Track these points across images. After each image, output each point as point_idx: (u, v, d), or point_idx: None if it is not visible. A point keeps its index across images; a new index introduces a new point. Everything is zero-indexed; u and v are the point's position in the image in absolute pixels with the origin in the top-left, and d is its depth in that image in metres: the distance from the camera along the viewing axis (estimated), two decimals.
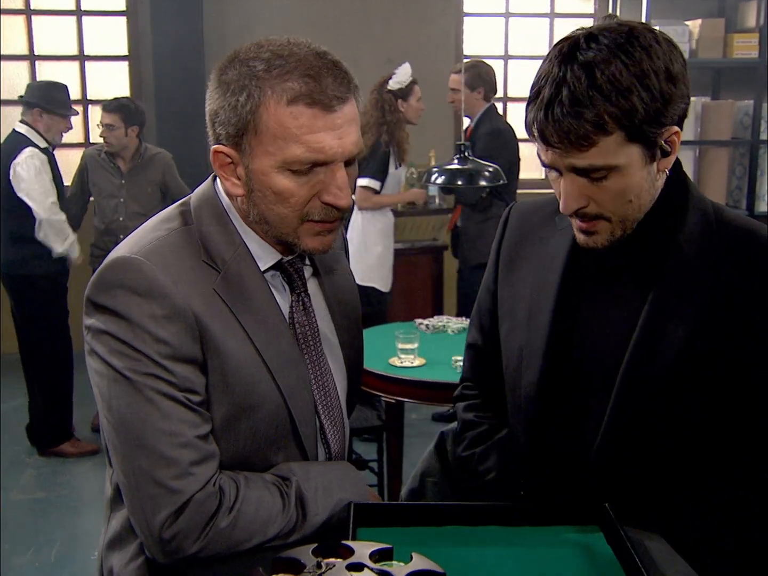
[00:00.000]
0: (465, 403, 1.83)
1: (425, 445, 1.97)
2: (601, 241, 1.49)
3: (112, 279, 1.41)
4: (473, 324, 1.82)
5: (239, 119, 1.40)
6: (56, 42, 6.51)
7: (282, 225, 1.46)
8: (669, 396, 1.48)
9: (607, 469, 1.52)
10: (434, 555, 1.24)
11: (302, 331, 1.57)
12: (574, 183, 1.44)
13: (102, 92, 6.49)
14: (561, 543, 1.42)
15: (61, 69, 6.51)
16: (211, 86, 1.45)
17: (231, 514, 1.42)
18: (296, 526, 1.47)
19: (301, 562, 1.19)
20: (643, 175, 1.43)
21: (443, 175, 3.68)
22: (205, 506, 1.40)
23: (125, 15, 6.55)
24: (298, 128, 1.38)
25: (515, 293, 1.67)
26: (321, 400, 1.59)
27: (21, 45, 6.45)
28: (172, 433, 1.39)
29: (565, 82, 1.36)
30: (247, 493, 1.45)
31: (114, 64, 6.63)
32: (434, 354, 3.54)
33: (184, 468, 1.39)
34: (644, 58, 1.36)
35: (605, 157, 1.38)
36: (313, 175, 1.42)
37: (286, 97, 1.37)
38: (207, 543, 1.41)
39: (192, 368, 1.41)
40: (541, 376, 1.57)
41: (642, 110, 1.36)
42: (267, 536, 1.45)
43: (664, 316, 1.48)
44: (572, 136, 1.37)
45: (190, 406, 1.41)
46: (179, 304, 1.40)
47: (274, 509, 1.46)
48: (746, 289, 1.46)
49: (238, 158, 1.44)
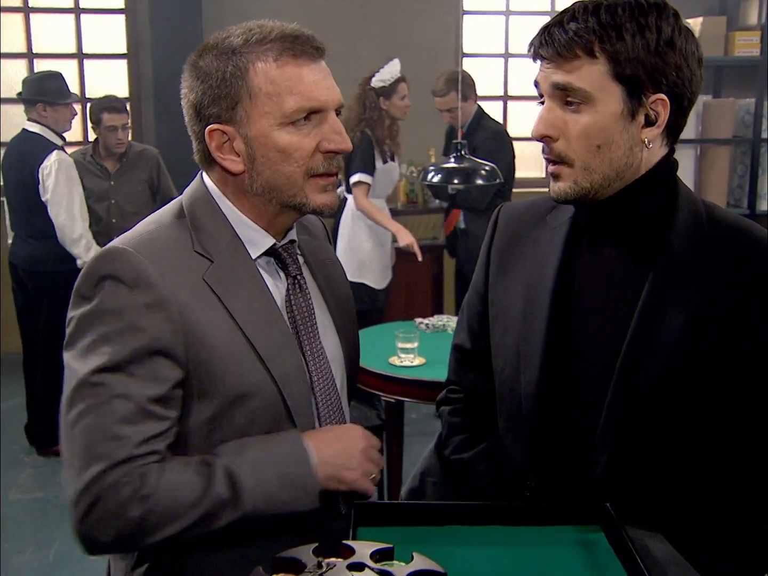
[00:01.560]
0: (450, 407, 1.80)
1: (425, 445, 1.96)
2: (564, 188, 1.49)
3: (100, 268, 1.43)
4: (461, 326, 1.80)
5: (230, 90, 1.45)
6: (55, 40, 6.51)
7: (289, 185, 1.49)
8: (666, 392, 1.47)
9: (607, 468, 1.51)
10: (435, 555, 1.24)
11: (300, 312, 1.58)
12: (551, 110, 1.47)
13: (101, 90, 6.47)
14: (562, 543, 1.42)
15: (59, 67, 6.45)
16: (187, 80, 1.50)
17: (144, 502, 1.37)
18: (228, 503, 1.40)
19: (301, 562, 1.19)
20: (618, 127, 1.44)
21: (440, 174, 3.68)
22: (118, 495, 1.37)
23: (124, 13, 6.54)
24: (289, 80, 1.44)
25: (508, 294, 1.65)
26: (318, 383, 1.58)
27: (19, 43, 6.45)
28: (111, 432, 1.37)
29: (571, 9, 1.44)
30: (161, 480, 1.39)
31: (113, 62, 6.63)
32: (434, 353, 3.55)
33: (108, 463, 1.37)
34: (652, 16, 1.42)
35: (585, 81, 1.42)
36: (310, 126, 1.47)
37: (271, 55, 1.45)
38: (120, 531, 1.37)
39: (165, 361, 1.41)
40: (540, 375, 1.56)
41: (632, 52, 1.40)
42: (192, 519, 1.39)
43: (658, 315, 1.48)
44: (558, 45, 1.43)
45: (142, 408, 1.38)
46: (164, 295, 1.41)
47: (194, 492, 1.40)
48: (739, 287, 1.46)
49: (234, 132, 1.47)
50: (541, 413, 1.57)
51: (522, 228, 1.68)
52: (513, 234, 1.69)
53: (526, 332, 1.59)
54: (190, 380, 1.44)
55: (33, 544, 3.86)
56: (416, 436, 4.67)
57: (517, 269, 1.65)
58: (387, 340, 3.68)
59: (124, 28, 6.57)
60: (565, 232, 1.58)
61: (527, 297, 1.60)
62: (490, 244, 1.72)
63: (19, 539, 3.90)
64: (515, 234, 1.69)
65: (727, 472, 1.51)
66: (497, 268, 1.69)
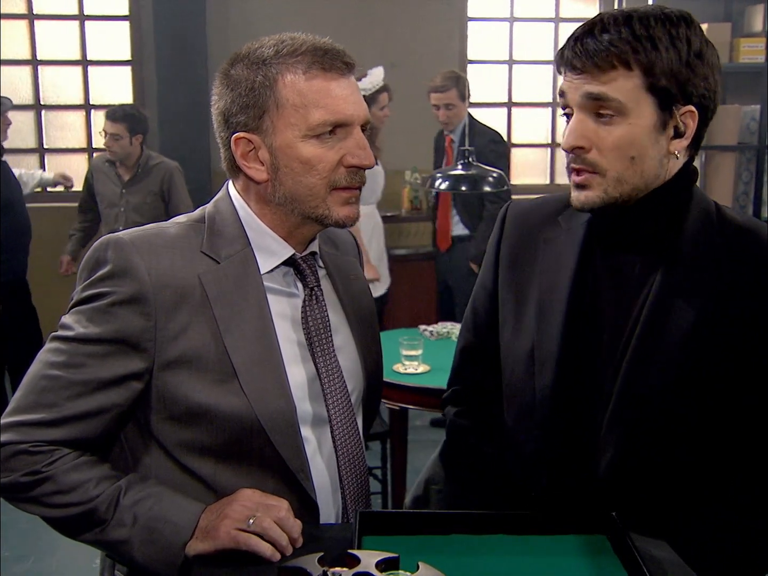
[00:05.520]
0: (457, 408, 1.79)
1: (429, 452, 1.96)
2: (592, 197, 1.48)
3: (97, 254, 1.50)
4: (467, 326, 1.79)
5: (258, 99, 1.47)
6: (59, 46, 6.52)
7: (311, 197, 1.51)
8: (672, 392, 1.47)
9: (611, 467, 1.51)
10: (441, 564, 1.23)
11: (314, 323, 1.58)
12: (582, 122, 1.46)
13: (105, 97, 6.50)
14: (568, 552, 1.41)
15: (63, 73, 6.52)
16: (218, 87, 1.53)
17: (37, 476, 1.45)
18: (101, 522, 1.44)
19: (307, 572, 1.19)
20: (650, 139, 1.45)
21: (447, 181, 3.68)
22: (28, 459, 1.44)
23: (128, 19, 6.55)
24: (317, 93, 1.46)
25: (519, 296, 1.65)
26: (331, 395, 1.58)
27: (23, 49, 6.45)
28: (51, 396, 1.45)
29: (600, 20, 1.44)
30: (66, 474, 1.45)
31: (117, 68, 6.64)
32: (438, 360, 3.54)
33: (35, 418, 1.44)
34: (683, 28, 1.42)
35: (620, 92, 1.42)
36: (335, 140, 1.49)
37: (300, 68, 1.47)
38: (7, 486, 1.47)
39: (129, 350, 1.46)
40: (555, 380, 1.55)
41: (666, 64, 1.40)
42: (68, 514, 1.46)
43: (666, 316, 1.48)
44: (594, 56, 1.41)
45: (90, 385, 1.45)
46: (144, 290, 1.45)
47: (81, 497, 1.45)
48: (749, 287, 1.47)
49: (260, 141, 1.50)
50: (555, 416, 1.56)
51: (531, 227, 1.67)
52: (522, 233, 1.69)
53: (540, 336, 1.58)
54: (155, 378, 1.47)
55: (35, 552, 3.84)
56: (420, 443, 4.65)
57: (529, 270, 1.64)
58: (391, 348, 3.66)
59: (128, 35, 6.58)
60: (582, 237, 1.58)
61: (541, 300, 1.59)
62: (498, 242, 1.71)
63: (21, 547, 3.88)
64: (524, 233, 1.68)
65: (735, 480, 1.51)
66: (506, 267, 1.68)
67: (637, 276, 1.52)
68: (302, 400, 1.55)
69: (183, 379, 1.47)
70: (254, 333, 1.51)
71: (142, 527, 1.42)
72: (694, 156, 1.53)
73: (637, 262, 1.52)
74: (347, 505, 1.61)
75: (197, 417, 1.48)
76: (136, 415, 1.52)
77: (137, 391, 1.48)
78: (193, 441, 1.49)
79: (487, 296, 1.72)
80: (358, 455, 1.63)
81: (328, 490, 1.59)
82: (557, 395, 1.55)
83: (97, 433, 1.48)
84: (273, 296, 1.56)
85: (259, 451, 1.50)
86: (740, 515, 1.51)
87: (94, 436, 1.48)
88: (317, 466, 1.57)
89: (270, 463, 1.51)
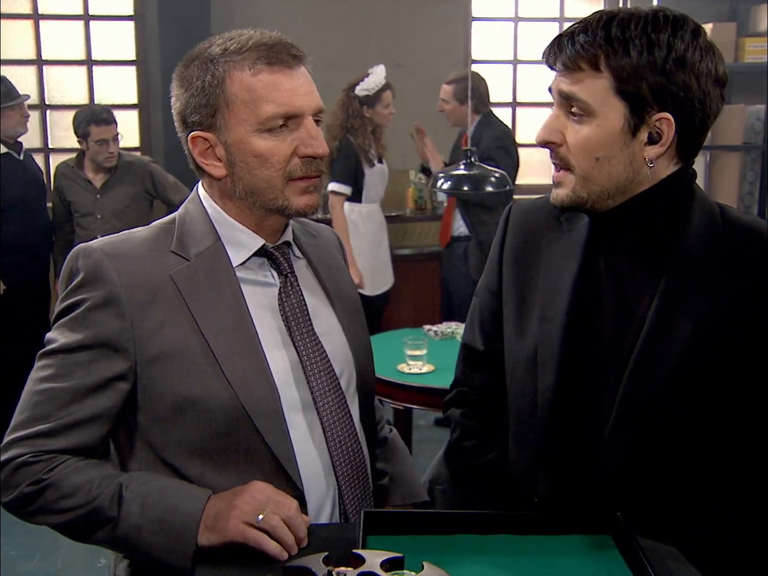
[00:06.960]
0: (462, 409, 1.79)
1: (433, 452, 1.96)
2: (562, 195, 1.51)
3: (70, 264, 1.55)
4: (471, 326, 1.78)
5: (209, 98, 1.51)
6: (64, 46, 6.51)
7: (269, 189, 1.54)
8: (675, 396, 1.47)
9: (615, 472, 1.51)
10: (445, 564, 1.24)
11: (291, 310, 1.61)
12: (557, 118, 1.49)
13: (110, 97, 6.50)
14: (573, 552, 1.41)
15: (68, 73, 6.52)
16: (174, 89, 1.58)
17: (40, 484, 1.46)
18: (109, 522, 1.45)
19: (311, 571, 1.19)
20: (618, 141, 1.45)
21: (449, 181, 3.68)
22: (30, 469, 1.47)
23: (133, 19, 6.54)
24: (264, 88, 1.50)
25: (522, 297, 1.64)
26: (315, 379, 1.60)
27: (28, 49, 6.45)
28: (44, 409, 1.48)
29: (587, 20, 1.44)
30: (67, 478, 1.47)
31: (122, 68, 6.63)
32: (443, 360, 3.54)
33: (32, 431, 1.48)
34: (665, 32, 1.40)
35: (588, 93, 1.43)
36: (287, 132, 1.52)
37: (247, 64, 1.50)
38: (12, 500, 1.48)
39: (111, 353, 1.50)
40: (556, 382, 1.55)
41: (636, 68, 1.39)
42: (71, 517, 1.47)
43: (669, 320, 1.48)
44: (564, 56, 1.43)
45: (77, 393, 1.49)
46: (117, 292, 1.50)
47: (83, 499, 1.46)
48: (754, 287, 1.46)
49: (215, 138, 1.54)
50: (556, 418, 1.56)
51: (535, 227, 1.67)
52: (526, 233, 1.69)
53: (543, 338, 1.58)
54: (140, 377, 1.50)
55: (40, 551, 3.85)
56: (424, 443, 4.65)
57: (532, 270, 1.64)
58: (395, 347, 3.67)
59: (133, 35, 6.56)
60: (584, 239, 1.58)
61: (543, 301, 1.59)
62: (502, 241, 1.71)
63: (26, 546, 3.89)
64: (528, 233, 1.68)
65: (741, 480, 1.51)
66: (510, 266, 1.68)
67: (640, 278, 1.52)
68: (286, 385, 1.57)
69: (166, 374, 1.50)
70: (232, 324, 1.54)
71: (152, 519, 1.43)
72: (688, 163, 1.52)
73: (640, 264, 1.52)
74: (341, 488, 1.61)
75: (183, 412, 1.50)
76: (126, 418, 1.54)
77: (125, 392, 1.51)
78: (180, 440, 1.52)
79: (491, 297, 1.72)
80: (350, 438, 1.64)
81: (320, 473, 1.60)
82: (559, 397, 1.55)
83: (95, 439, 1.51)
84: (248, 287, 1.59)
85: (245, 443, 1.52)
86: (740, 515, 1.51)
87: (93, 443, 1.51)
88: (308, 450, 1.58)
89: (256, 456, 1.53)
